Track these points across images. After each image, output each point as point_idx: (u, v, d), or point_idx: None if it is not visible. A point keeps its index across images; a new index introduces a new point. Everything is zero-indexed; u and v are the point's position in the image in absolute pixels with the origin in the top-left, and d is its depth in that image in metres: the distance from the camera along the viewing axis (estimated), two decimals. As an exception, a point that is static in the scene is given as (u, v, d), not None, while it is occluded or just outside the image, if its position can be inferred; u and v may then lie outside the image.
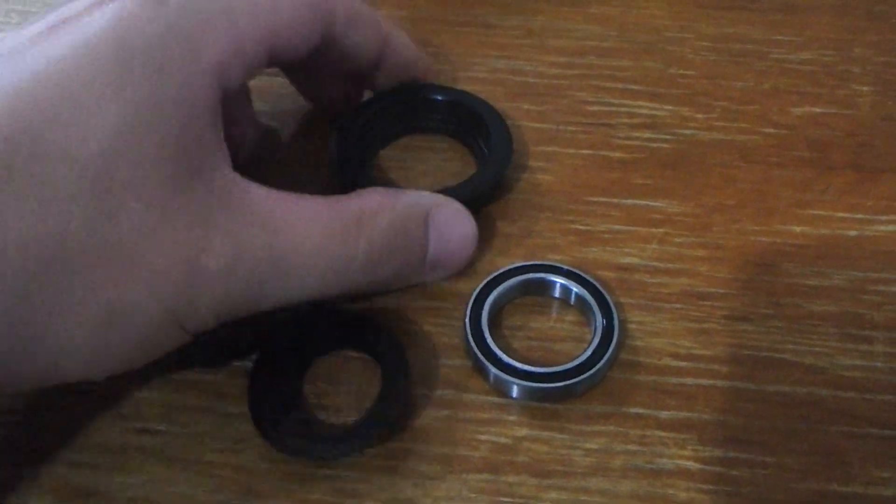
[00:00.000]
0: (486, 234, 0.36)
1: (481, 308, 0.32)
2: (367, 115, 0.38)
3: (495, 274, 0.33)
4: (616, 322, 0.32)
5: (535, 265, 0.34)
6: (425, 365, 0.32)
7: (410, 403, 0.31)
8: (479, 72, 0.43)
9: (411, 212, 0.31)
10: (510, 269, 0.33)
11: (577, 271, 0.33)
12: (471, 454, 0.30)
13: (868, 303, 0.33)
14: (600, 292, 0.33)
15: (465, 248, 0.33)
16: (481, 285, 0.33)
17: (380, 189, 0.31)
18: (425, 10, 0.47)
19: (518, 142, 0.39)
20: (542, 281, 0.33)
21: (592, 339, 0.32)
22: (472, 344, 0.31)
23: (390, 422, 0.30)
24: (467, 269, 0.34)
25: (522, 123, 0.41)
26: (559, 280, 0.33)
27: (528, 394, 0.31)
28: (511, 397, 0.31)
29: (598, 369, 0.31)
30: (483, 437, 0.30)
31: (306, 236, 0.28)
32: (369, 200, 0.30)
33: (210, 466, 0.30)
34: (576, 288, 0.33)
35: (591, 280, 0.33)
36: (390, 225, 0.30)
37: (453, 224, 0.32)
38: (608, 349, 0.31)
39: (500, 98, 0.41)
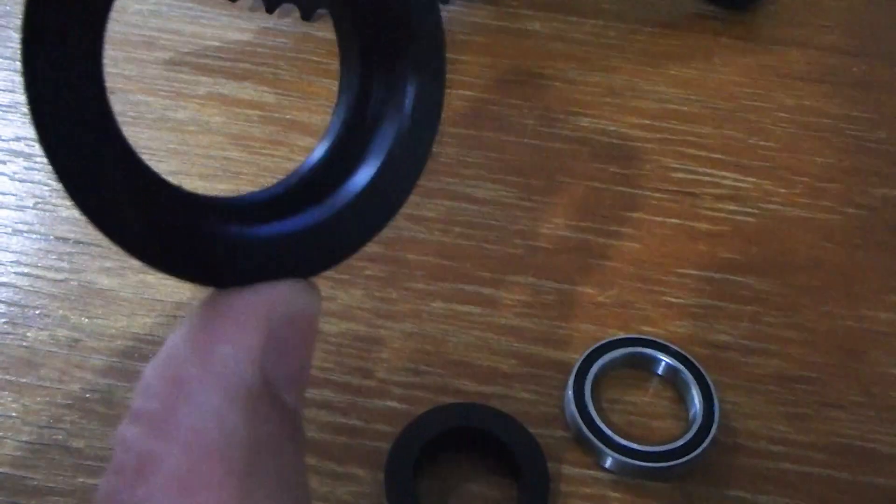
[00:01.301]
0: (578, 302, 0.36)
1: (584, 379, 0.33)
2: None
3: (597, 345, 0.33)
4: (716, 405, 0.32)
5: (638, 339, 0.34)
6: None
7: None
8: (563, 128, 0.43)
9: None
10: (612, 342, 0.34)
11: (681, 350, 0.33)
12: (578, 532, 0.30)
13: (959, 399, 0.34)
14: (701, 373, 0.33)
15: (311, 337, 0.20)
16: (584, 356, 0.33)
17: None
18: (508, 61, 0.47)
19: (605, 206, 0.40)
20: (647, 357, 0.33)
21: (693, 420, 0.32)
22: (577, 416, 0.32)
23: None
24: (561, 337, 0.34)
25: (609, 187, 0.41)
26: (665, 358, 0.33)
27: (629, 469, 0.31)
28: (607, 470, 0.31)
29: (701, 451, 0.31)
30: (588, 514, 0.30)
31: None
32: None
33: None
34: (678, 367, 0.33)
35: (694, 361, 0.33)
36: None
37: (293, 335, 0.19)
38: (709, 433, 0.31)
39: (587, 158, 0.42)
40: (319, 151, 0.20)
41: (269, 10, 0.46)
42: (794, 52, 0.49)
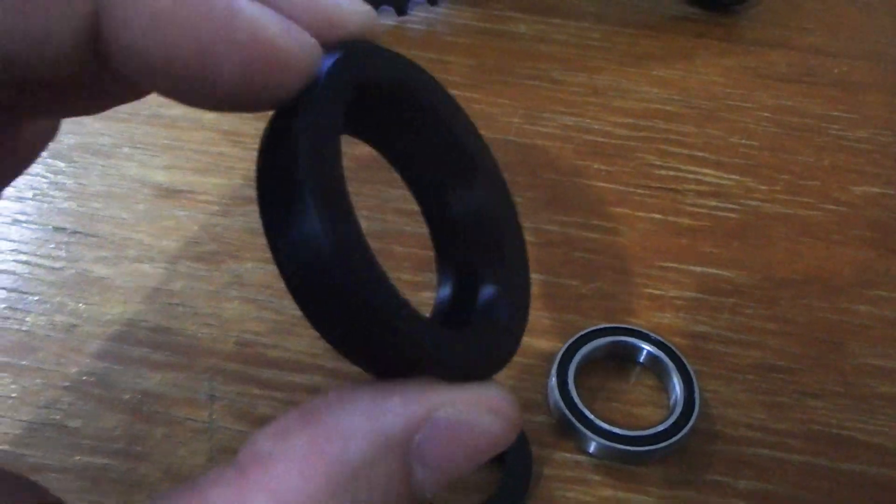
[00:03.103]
0: (561, 293, 0.37)
1: (567, 367, 0.33)
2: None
3: (581, 334, 0.34)
4: (697, 393, 0.33)
5: (621, 328, 0.35)
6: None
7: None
8: (548, 126, 0.44)
9: (373, 465, 0.17)
10: (595, 331, 0.34)
11: (662, 339, 0.34)
12: (561, 513, 0.31)
13: (932, 387, 0.35)
14: (682, 362, 0.34)
15: (485, 457, 0.19)
16: (567, 344, 0.34)
17: (299, 429, 0.17)
18: (493, 62, 0.48)
19: (589, 201, 0.40)
20: (629, 345, 0.34)
21: (674, 407, 0.33)
22: (560, 402, 0.32)
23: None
24: (545, 327, 0.35)
25: (593, 183, 0.42)
26: (646, 347, 0.34)
27: (611, 454, 0.32)
28: (590, 455, 0.32)
29: (681, 437, 0.32)
30: (570, 495, 0.31)
31: None
32: (281, 483, 0.16)
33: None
34: (660, 356, 0.34)
35: (675, 349, 0.34)
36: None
37: (457, 443, 0.18)
38: (690, 419, 0.32)
39: (570, 156, 0.43)
40: (444, 293, 0.22)
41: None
42: (774, 53, 0.50)
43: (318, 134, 0.16)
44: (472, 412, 0.18)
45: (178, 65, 0.16)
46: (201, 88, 0.17)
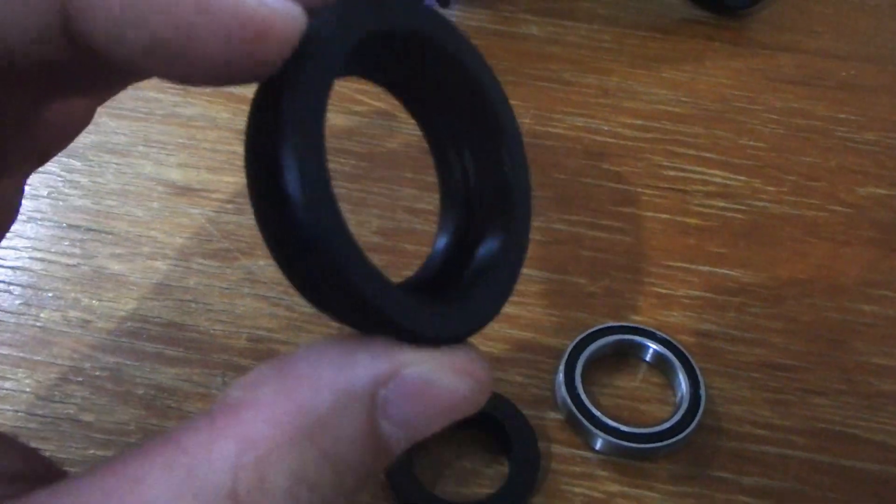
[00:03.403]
0: (570, 291, 0.37)
1: (575, 364, 0.34)
2: None
3: (589, 332, 0.35)
4: (703, 390, 0.33)
5: (628, 327, 0.35)
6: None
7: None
8: (558, 127, 0.45)
9: (340, 415, 0.17)
10: (603, 329, 0.35)
11: (669, 338, 0.35)
12: (567, 508, 0.31)
13: (936, 386, 0.35)
14: (688, 360, 0.34)
15: (451, 418, 0.19)
16: (575, 342, 0.34)
17: (271, 378, 0.17)
18: (504, 63, 0.48)
19: (597, 200, 0.41)
20: (635, 343, 0.35)
21: (680, 404, 0.33)
22: (568, 399, 0.33)
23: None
24: (552, 324, 0.36)
25: (602, 183, 0.42)
26: (652, 345, 0.34)
27: (617, 450, 0.32)
28: (596, 451, 0.33)
29: (687, 434, 0.32)
30: (577, 490, 0.32)
31: None
32: (251, 428, 0.16)
33: None
34: (666, 353, 0.34)
35: (682, 348, 0.34)
36: (301, 467, 0.17)
37: (422, 401, 0.18)
38: (696, 416, 0.33)
39: (580, 155, 0.43)
40: (440, 244, 0.22)
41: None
42: (783, 56, 0.51)
43: (298, 105, 0.16)
44: (438, 372, 0.18)
45: (156, 45, 0.16)
46: (184, 66, 0.17)
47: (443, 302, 0.20)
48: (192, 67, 0.17)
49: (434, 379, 0.18)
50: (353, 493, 0.18)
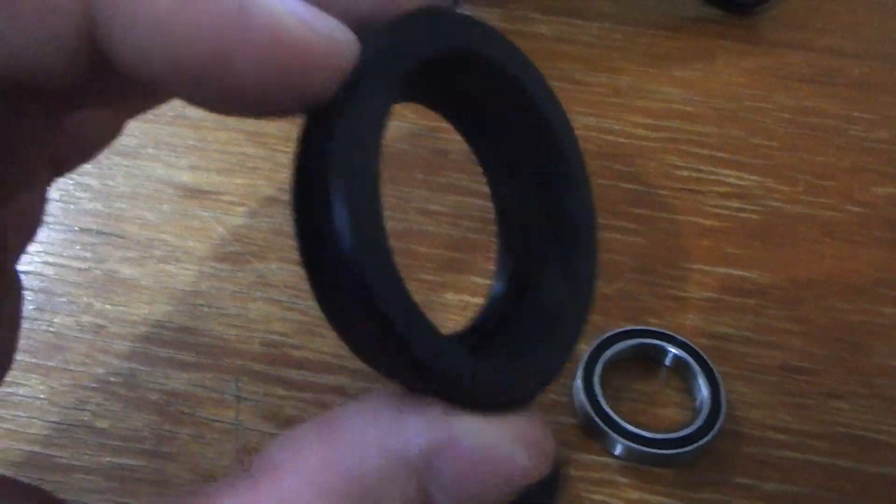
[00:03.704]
0: (586, 293, 0.37)
1: (593, 369, 0.33)
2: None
3: (606, 336, 0.34)
4: (723, 395, 0.33)
5: (646, 331, 0.35)
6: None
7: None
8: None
9: (387, 482, 0.16)
10: (620, 333, 0.35)
11: (688, 341, 0.34)
12: (588, 515, 0.31)
13: (957, 389, 0.35)
14: (707, 364, 0.34)
15: (510, 489, 0.17)
16: (593, 347, 0.34)
17: (312, 436, 0.16)
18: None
19: (610, 201, 0.41)
20: (655, 348, 0.34)
21: (700, 409, 0.33)
22: (587, 404, 0.32)
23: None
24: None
25: (615, 183, 0.42)
26: (672, 349, 0.34)
27: (638, 456, 0.32)
28: (616, 457, 0.32)
29: (709, 439, 0.32)
30: (597, 497, 0.31)
31: None
32: (288, 490, 0.16)
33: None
34: (685, 357, 0.34)
35: (700, 352, 0.34)
36: None
37: (478, 472, 0.17)
38: (717, 421, 0.32)
39: (592, 156, 0.43)
40: (497, 289, 0.21)
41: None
42: (794, 54, 0.50)
43: (350, 142, 0.15)
44: (498, 441, 0.17)
45: (188, 70, 0.15)
46: (217, 94, 0.15)
47: (501, 355, 0.18)
48: (225, 95, 0.15)
49: (493, 448, 0.17)
50: None
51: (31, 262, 0.36)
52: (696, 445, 0.32)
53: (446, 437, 0.16)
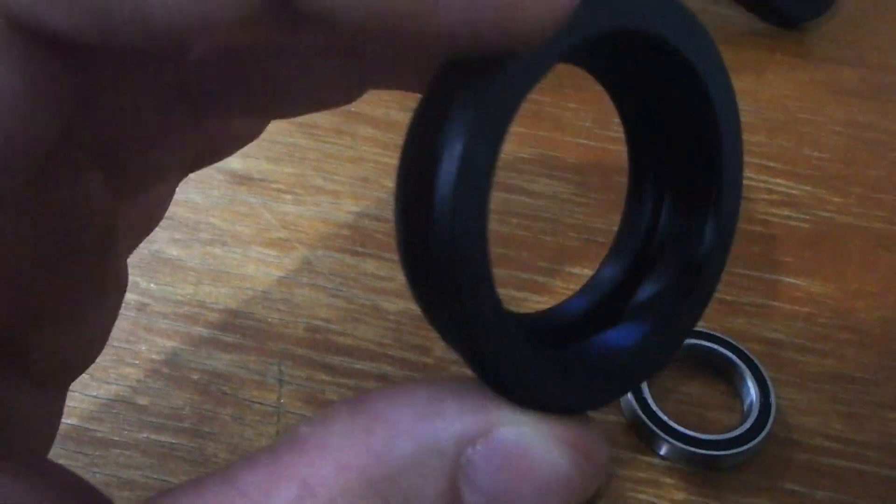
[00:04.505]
0: (634, 294, 0.36)
1: (640, 368, 0.33)
2: None
3: (655, 336, 0.34)
4: (773, 399, 0.32)
5: (695, 331, 0.34)
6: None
7: None
8: (619, 132, 0.44)
9: (418, 471, 0.15)
10: (669, 333, 0.34)
11: (736, 343, 0.34)
12: (634, 513, 0.30)
13: None
14: (757, 367, 0.33)
15: (541, 494, 0.16)
16: (641, 345, 0.33)
17: (345, 417, 0.15)
18: (567, 67, 0.47)
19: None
20: (702, 349, 0.34)
21: (749, 412, 0.32)
22: (633, 402, 0.32)
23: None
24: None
25: (664, 187, 0.41)
26: (721, 350, 0.33)
27: (684, 456, 0.31)
28: (662, 457, 0.31)
29: (757, 443, 0.31)
30: (642, 497, 0.31)
31: None
32: (315, 471, 0.15)
33: None
34: (734, 359, 0.33)
35: (749, 354, 0.33)
36: None
37: (515, 471, 0.15)
38: (766, 424, 0.31)
39: (642, 160, 0.42)
40: (610, 271, 0.20)
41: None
42: (846, 69, 0.50)
43: (488, 98, 0.14)
44: (538, 438, 0.15)
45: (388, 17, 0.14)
46: (429, 28, 0.14)
47: (569, 355, 0.17)
48: (437, 29, 0.14)
49: (533, 446, 0.15)
50: None
51: (79, 238, 0.36)
52: (744, 448, 0.31)
53: (483, 427, 0.15)
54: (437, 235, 0.14)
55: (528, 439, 0.15)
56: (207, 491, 0.14)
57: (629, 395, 0.32)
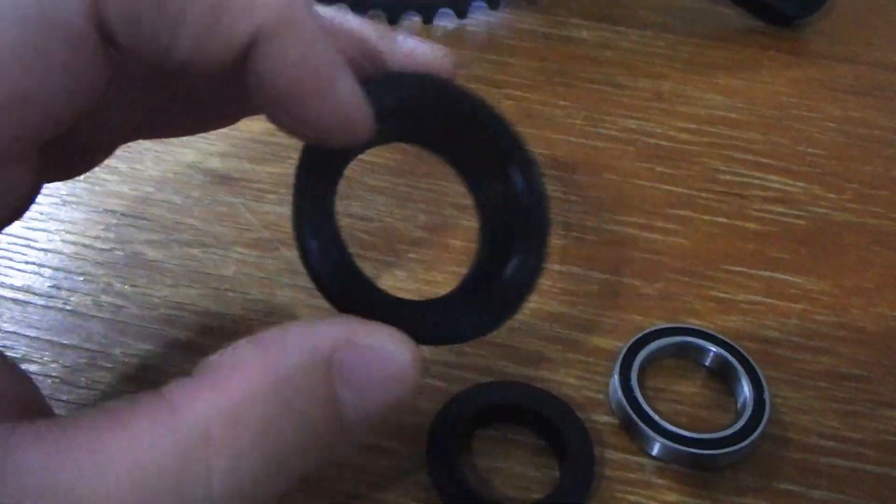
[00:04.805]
0: (623, 292, 0.35)
1: (631, 366, 0.32)
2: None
3: (645, 332, 0.33)
4: (767, 396, 0.31)
5: (686, 329, 0.33)
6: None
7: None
8: (610, 129, 0.43)
9: (304, 373, 0.20)
10: (659, 330, 0.33)
11: (730, 341, 0.33)
12: (623, 515, 0.29)
13: None
14: (751, 365, 0.32)
15: (394, 392, 0.21)
16: (631, 342, 0.32)
17: (248, 345, 0.20)
18: (555, 65, 0.47)
19: (651, 202, 0.39)
20: (694, 346, 0.33)
21: (743, 410, 0.31)
22: (624, 401, 0.31)
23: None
24: (606, 326, 0.34)
25: (656, 185, 0.40)
26: (713, 349, 0.32)
27: (676, 456, 0.30)
28: (653, 457, 0.30)
29: (751, 441, 0.30)
30: (633, 499, 0.30)
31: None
32: (227, 383, 0.19)
33: None
34: (727, 357, 0.32)
35: (743, 352, 0.32)
36: (268, 417, 0.19)
37: (370, 366, 0.21)
38: (760, 423, 0.31)
39: (632, 157, 0.41)
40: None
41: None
42: (841, 66, 0.49)
43: (314, 182, 0.23)
44: (384, 339, 0.21)
45: (291, 107, 0.22)
46: (292, 125, 0.23)
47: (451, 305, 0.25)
48: (297, 127, 0.23)
49: (380, 345, 0.21)
50: (314, 458, 0.20)
51: (51, 240, 0.35)
52: (737, 447, 0.30)
53: (347, 335, 0.20)
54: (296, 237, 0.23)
55: (376, 341, 0.21)
56: (139, 402, 0.18)
57: (619, 394, 0.31)
